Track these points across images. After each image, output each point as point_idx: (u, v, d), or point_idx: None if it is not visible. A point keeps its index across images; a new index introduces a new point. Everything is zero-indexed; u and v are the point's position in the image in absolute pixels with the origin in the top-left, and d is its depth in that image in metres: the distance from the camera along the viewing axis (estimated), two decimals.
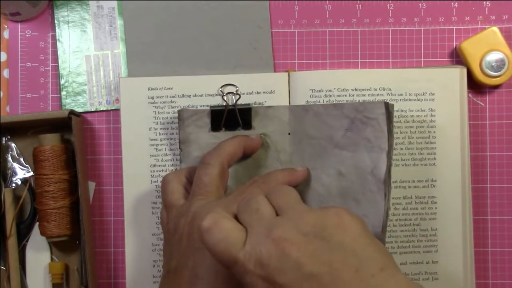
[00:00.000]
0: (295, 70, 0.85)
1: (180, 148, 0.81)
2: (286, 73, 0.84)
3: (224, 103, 0.83)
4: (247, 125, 0.82)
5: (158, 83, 0.84)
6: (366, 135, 0.75)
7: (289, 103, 0.83)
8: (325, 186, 0.78)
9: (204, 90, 0.84)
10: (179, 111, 0.81)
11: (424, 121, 0.82)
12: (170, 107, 0.84)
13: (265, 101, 0.83)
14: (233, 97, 0.83)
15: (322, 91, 0.82)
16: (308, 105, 0.82)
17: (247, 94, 0.83)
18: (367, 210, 0.75)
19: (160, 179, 0.83)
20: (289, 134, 0.81)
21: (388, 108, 0.75)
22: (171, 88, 0.84)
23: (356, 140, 0.76)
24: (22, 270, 0.85)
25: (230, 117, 0.82)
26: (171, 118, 0.84)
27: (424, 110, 0.82)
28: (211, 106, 0.82)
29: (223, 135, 0.81)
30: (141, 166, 0.84)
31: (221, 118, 0.81)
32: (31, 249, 0.86)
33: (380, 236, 0.74)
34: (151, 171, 0.84)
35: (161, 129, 0.84)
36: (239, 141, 0.77)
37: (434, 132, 0.82)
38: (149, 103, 0.84)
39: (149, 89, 0.84)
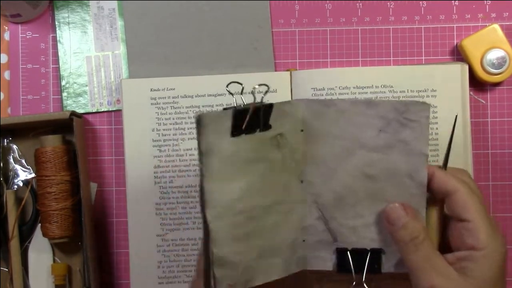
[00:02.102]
0: (296, 69, 0.85)
1: (201, 162, 0.65)
2: (288, 72, 0.84)
3: (236, 103, 0.71)
4: (266, 126, 0.69)
5: (160, 84, 0.84)
6: (403, 137, 0.70)
7: None
8: (348, 188, 0.73)
9: (206, 90, 0.84)
10: (200, 116, 0.63)
11: None
12: (172, 107, 0.84)
13: (267, 100, 0.82)
14: (253, 94, 0.73)
15: (323, 89, 0.82)
16: (330, 100, 0.73)
17: (249, 93, 0.83)
18: None
19: (163, 180, 0.84)
20: (301, 131, 0.73)
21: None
22: (173, 89, 0.84)
23: (390, 143, 0.71)
24: (25, 271, 0.85)
25: (251, 118, 0.68)
26: (173, 119, 0.84)
27: None
28: (236, 107, 0.68)
29: (242, 140, 0.67)
30: (144, 168, 0.84)
31: (243, 120, 0.67)
32: (33, 250, 0.86)
33: None
34: (155, 172, 0.84)
35: (164, 130, 0.84)
36: None
37: (437, 128, 0.82)
38: (152, 104, 0.84)
39: (151, 90, 0.84)
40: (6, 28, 0.88)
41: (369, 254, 0.72)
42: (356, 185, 0.72)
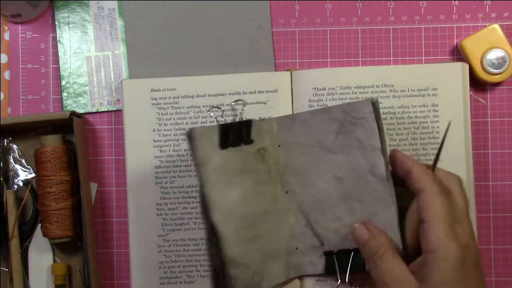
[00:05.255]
0: (296, 69, 0.85)
1: (198, 172, 0.73)
2: (289, 72, 0.84)
3: (219, 118, 0.81)
4: (249, 140, 0.77)
5: (160, 84, 0.84)
6: (357, 136, 0.74)
7: (292, 102, 0.83)
8: (323, 192, 0.77)
9: (206, 90, 0.84)
10: (190, 131, 0.73)
11: (427, 117, 0.82)
12: (173, 108, 0.84)
13: (268, 100, 0.83)
14: (238, 107, 0.82)
15: (324, 89, 0.83)
16: (295, 114, 0.81)
17: (250, 93, 0.83)
18: (375, 208, 0.74)
19: (164, 180, 0.84)
20: (279, 146, 0.80)
21: (375, 105, 0.73)
22: (174, 89, 0.84)
23: (348, 143, 0.75)
24: (25, 271, 0.85)
25: (235, 132, 0.76)
26: (174, 119, 0.84)
27: (427, 105, 0.82)
28: (221, 123, 0.79)
29: (231, 152, 0.76)
30: (145, 168, 0.84)
31: (229, 134, 0.76)
32: (33, 250, 0.86)
33: (397, 232, 0.73)
34: (155, 173, 0.84)
35: (164, 130, 0.84)
36: None
37: (438, 127, 0.82)
38: (152, 104, 0.84)
39: (152, 90, 0.84)
40: (6, 28, 0.88)
41: (352, 255, 0.76)
42: (329, 188, 0.77)
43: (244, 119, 0.82)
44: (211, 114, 0.82)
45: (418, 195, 0.67)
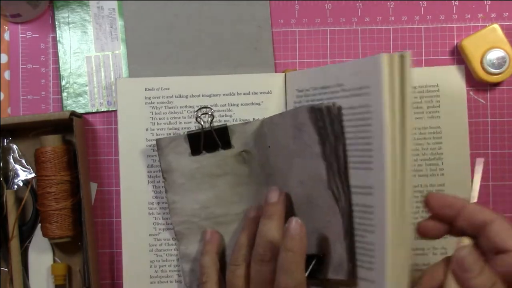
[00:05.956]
0: (296, 69, 0.85)
1: (163, 178, 0.81)
2: (283, 73, 0.84)
3: (200, 126, 0.83)
4: (227, 145, 0.82)
5: (154, 83, 0.84)
6: (305, 141, 0.74)
7: (286, 103, 0.83)
8: (297, 195, 0.77)
9: (200, 90, 0.84)
10: (157, 140, 0.81)
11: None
12: (167, 107, 0.84)
13: (262, 102, 0.83)
14: (209, 118, 0.83)
15: (308, 90, 0.79)
16: (270, 117, 0.81)
17: (244, 94, 0.83)
18: (328, 215, 0.72)
19: (157, 179, 0.84)
20: (269, 147, 0.80)
21: (315, 111, 0.72)
22: (168, 89, 0.84)
23: (302, 148, 0.74)
24: (25, 271, 0.85)
25: (209, 139, 0.82)
26: (168, 118, 0.84)
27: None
28: (187, 131, 0.82)
29: (204, 158, 0.82)
30: (138, 167, 0.84)
31: (200, 141, 0.82)
32: (33, 250, 0.86)
33: (343, 243, 0.70)
34: (148, 171, 0.84)
35: (158, 129, 0.84)
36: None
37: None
38: (146, 103, 0.84)
39: (146, 89, 0.84)
40: (6, 28, 0.88)
41: (314, 260, 0.73)
42: (299, 192, 0.76)
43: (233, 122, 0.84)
44: (198, 115, 0.84)
45: (486, 227, 0.61)
